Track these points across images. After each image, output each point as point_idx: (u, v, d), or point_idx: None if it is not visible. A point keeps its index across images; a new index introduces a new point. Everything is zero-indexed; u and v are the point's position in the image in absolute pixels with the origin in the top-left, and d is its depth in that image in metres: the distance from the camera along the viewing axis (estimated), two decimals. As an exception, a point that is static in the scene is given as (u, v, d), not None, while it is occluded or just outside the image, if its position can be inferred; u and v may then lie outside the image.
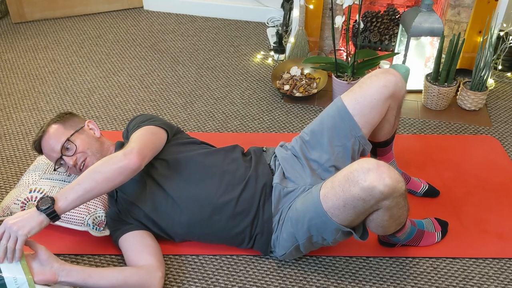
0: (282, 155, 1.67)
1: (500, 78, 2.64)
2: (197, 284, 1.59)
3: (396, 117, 1.68)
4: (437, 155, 2.11)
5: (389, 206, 1.34)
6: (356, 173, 1.31)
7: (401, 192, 1.32)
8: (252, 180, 1.59)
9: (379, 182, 1.28)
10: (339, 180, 1.36)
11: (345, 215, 1.37)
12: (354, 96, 1.57)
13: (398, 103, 1.62)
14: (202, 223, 1.58)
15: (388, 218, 1.41)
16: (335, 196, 1.36)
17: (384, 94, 1.54)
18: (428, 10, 2.30)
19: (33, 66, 2.73)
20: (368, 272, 1.63)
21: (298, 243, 1.52)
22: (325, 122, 1.61)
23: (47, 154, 1.67)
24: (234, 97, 2.50)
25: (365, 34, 2.66)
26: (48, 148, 1.65)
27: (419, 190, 1.88)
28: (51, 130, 1.65)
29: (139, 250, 1.55)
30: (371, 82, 1.56)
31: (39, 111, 2.38)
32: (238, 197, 1.56)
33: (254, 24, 3.20)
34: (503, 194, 1.91)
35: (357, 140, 1.58)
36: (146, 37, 3.04)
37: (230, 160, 1.66)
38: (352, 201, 1.33)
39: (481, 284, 1.60)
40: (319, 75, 2.51)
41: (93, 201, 1.69)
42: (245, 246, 1.63)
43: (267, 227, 1.57)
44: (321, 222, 1.41)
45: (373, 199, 1.31)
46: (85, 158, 1.63)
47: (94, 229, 1.65)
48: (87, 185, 1.40)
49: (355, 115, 1.56)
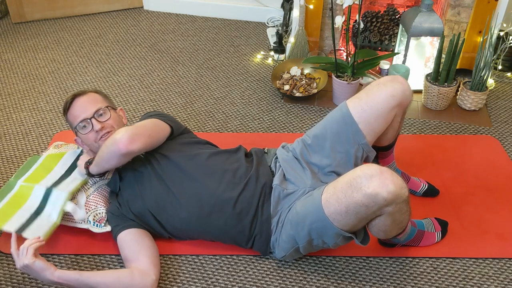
0: (283, 157, 1.67)
1: (500, 78, 2.64)
2: (197, 284, 1.59)
3: (401, 122, 1.68)
4: (437, 155, 2.11)
5: (391, 212, 1.34)
6: (359, 179, 1.30)
7: (404, 198, 1.32)
8: (252, 179, 1.59)
9: (382, 188, 1.27)
10: (341, 186, 1.35)
11: (347, 221, 1.37)
12: (360, 103, 1.55)
13: (404, 110, 1.62)
14: (201, 220, 1.58)
15: (390, 223, 1.41)
16: (337, 202, 1.35)
17: (391, 104, 1.52)
18: (428, 10, 2.30)
19: (33, 66, 2.73)
20: (368, 272, 1.63)
21: (298, 246, 1.52)
22: (328, 127, 1.60)
23: (75, 113, 1.66)
24: (234, 97, 2.50)
25: (365, 34, 2.66)
26: (82, 106, 1.66)
27: (419, 190, 1.88)
28: (91, 94, 1.70)
29: (136, 250, 1.56)
30: (378, 91, 1.53)
31: (39, 111, 2.38)
32: (238, 196, 1.56)
33: (254, 24, 3.20)
34: (503, 194, 1.91)
35: (361, 147, 1.57)
36: (146, 37, 3.04)
37: (233, 160, 1.67)
38: (354, 207, 1.32)
39: (481, 284, 1.60)
40: (319, 75, 2.51)
41: (93, 198, 1.70)
42: (244, 246, 1.63)
43: (266, 228, 1.56)
44: (322, 226, 1.41)
45: (376, 205, 1.30)
46: (110, 131, 1.65)
47: (94, 225, 1.65)
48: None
49: (360, 122, 1.54)
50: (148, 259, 1.53)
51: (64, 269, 1.60)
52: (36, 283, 1.58)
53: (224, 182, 1.58)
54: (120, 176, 1.68)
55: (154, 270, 1.51)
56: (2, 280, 1.59)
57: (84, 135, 1.67)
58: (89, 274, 1.47)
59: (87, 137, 1.66)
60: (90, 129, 1.65)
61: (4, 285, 1.57)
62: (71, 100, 1.68)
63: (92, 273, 1.48)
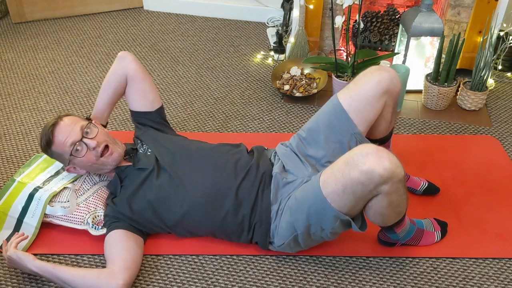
0: (281, 151, 1.72)
1: (500, 78, 2.64)
2: (197, 284, 1.59)
3: (393, 114, 1.69)
4: (437, 155, 2.11)
5: (388, 191, 1.35)
6: (355, 157, 1.33)
7: (400, 177, 1.33)
8: (253, 169, 1.64)
9: (378, 165, 1.29)
10: (338, 166, 1.38)
11: (344, 201, 1.38)
12: (349, 93, 1.59)
13: (394, 99, 1.63)
14: (204, 208, 1.60)
15: (387, 205, 1.41)
16: (334, 181, 1.37)
17: (378, 91, 1.55)
18: (428, 10, 2.30)
19: (33, 66, 2.73)
20: (368, 272, 1.63)
21: (296, 233, 1.53)
22: (321, 120, 1.64)
23: (61, 140, 1.57)
24: (234, 97, 2.50)
25: (365, 34, 2.66)
26: (65, 132, 1.57)
27: (419, 188, 1.88)
28: (66, 118, 1.62)
29: (114, 252, 1.55)
30: (365, 79, 1.57)
31: (39, 111, 2.38)
32: (239, 184, 1.60)
33: (254, 24, 3.20)
34: (503, 194, 1.91)
35: (353, 136, 1.59)
36: (146, 37, 3.04)
37: (234, 152, 1.72)
38: (351, 186, 1.34)
39: (481, 284, 1.60)
40: (319, 75, 2.51)
41: (93, 200, 1.70)
42: (245, 237, 1.63)
43: (266, 216, 1.58)
44: (321, 208, 1.43)
45: (372, 183, 1.32)
46: (107, 145, 1.62)
47: (93, 227, 1.66)
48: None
49: (350, 112, 1.57)
50: (122, 262, 1.51)
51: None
52: (36, 283, 1.58)
53: (226, 171, 1.63)
54: (120, 177, 1.68)
55: (124, 274, 1.48)
56: (2, 280, 1.59)
57: (81, 158, 1.60)
58: (61, 268, 1.51)
59: (85, 160, 1.61)
60: (86, 150, 1.60)
61: (4, 285, 1.58)
62: (50, 132, 1.58)
63: (64, 268, 1.51)
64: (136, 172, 1.66)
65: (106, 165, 1.65)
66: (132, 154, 1.72)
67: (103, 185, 1.76)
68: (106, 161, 1.63)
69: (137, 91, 1.82)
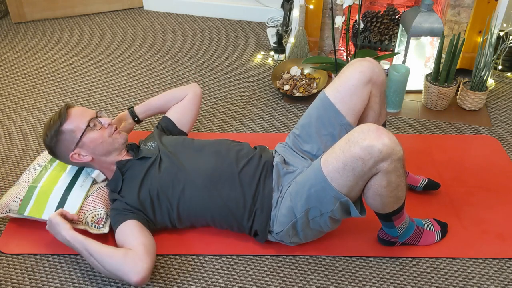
0: (281, 149, 1.77)
1: (500, 78, 2.64)
2: (197, 284, 1.59)
3: (381, 105, 1.71)
4: (437, 155, 2.11)
5: (387, 169, 1.38)
6: (356, 134, 1.38)
7: (399, 155, 1.37)
8: (255, 157, 1.70)
9: (377, 141, 1.34)
10: (339, 144, 1.43)
11: (344, 179, 1.41)
12: (334, 86, 1.65)
13: (379, 89, 1.67)
14: (207, 193, 1.62)
15: (386, 185, 1.42)
16: (335, 159, 1.41)
17: (361, 80, 1.60)
18: (428, 10, 2.30)
19: (33, 66, 2.73)
20: (368, 272, 1.63)
21: (295, 219, 1.54)
22: (311, 115, 1.71)
23: (78, 114, 1.66)
24: (234, 97, 2.50)
25: (365, 34, 2.66)
26: (80, 112, 1.68)
27: (419, 184, 1.88)
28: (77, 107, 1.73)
29: (131, 239, 1.55)
30: (348, 70, 1.64)
31: (39, 111, 2.38)
32: (241, 170, 1.65)
33: (254, 24, 3.20)
34: (503, 194, 1.91)
35: (343, 127, 1.63)
36: (146, 37, 3.04)
37: (237, 144, 1.79)
38: (351, 162, 1.37)
39: (481, 284, 1.60)
40: (319, 75, 2.51)
41: (92, 199, 1.70)
42: (245, 224, 1.63)
43: (267, 203, 1.61)
44: (321, 188, 1.45)
45: (372, 158, 1.35)
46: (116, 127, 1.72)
47: (92, 226, 1.66)
48: None
49: (337, 103, 1.63)
50: (144, 248, 1.52)
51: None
52: (36, 283, 1.58)
53: (229, 157, 1.69)
54: (122, 171, 1.69)
55: (147, 258, 1.50)
56: (2, 280, 1.59)
57: (97, 131, 1.67)
58: (91, 241, 1.53)
59: (97, 136, 1.66)
60: (101, 126, 1.68)
61: (4, 285, 1.58)
62: (65, 110, 1.67)
63: (94, 243, 1.52)
64: (139, 163, 1.69)
65: (115, 143, 1.70)
66: (135, 150, 1.76)
67: (102, 184, 1.76)
68: (116, 137, 1.70)
69: (183, 108, 2.00)
